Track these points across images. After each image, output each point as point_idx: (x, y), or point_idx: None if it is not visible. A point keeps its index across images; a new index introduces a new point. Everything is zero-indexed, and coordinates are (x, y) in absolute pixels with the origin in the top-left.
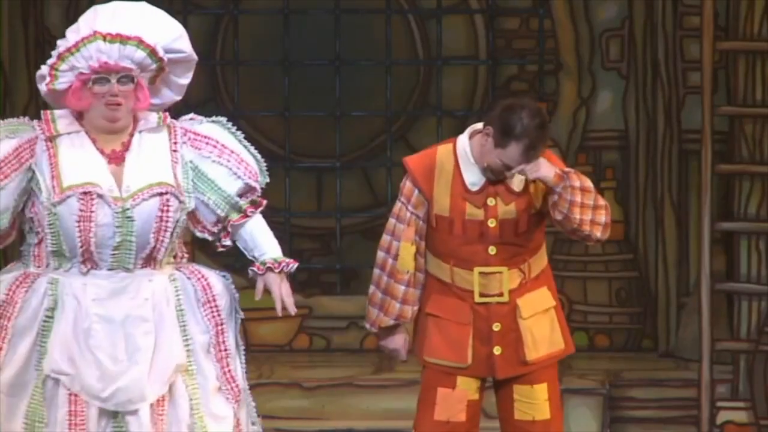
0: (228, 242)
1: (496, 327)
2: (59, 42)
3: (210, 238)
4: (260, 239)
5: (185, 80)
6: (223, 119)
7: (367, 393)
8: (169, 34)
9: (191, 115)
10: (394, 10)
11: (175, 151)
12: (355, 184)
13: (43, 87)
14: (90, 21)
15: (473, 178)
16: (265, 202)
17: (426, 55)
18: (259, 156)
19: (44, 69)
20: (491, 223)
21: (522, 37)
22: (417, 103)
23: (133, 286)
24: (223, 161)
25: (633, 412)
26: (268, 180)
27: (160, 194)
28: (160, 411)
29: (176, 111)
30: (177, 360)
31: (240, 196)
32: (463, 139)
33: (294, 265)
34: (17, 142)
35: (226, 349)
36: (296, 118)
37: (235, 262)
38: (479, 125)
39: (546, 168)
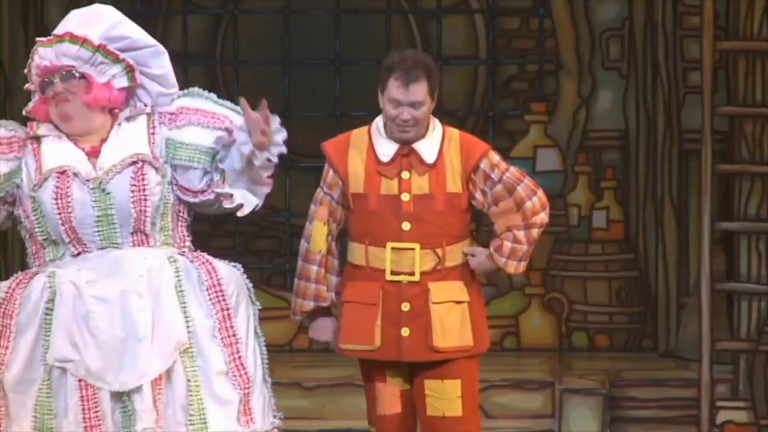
0: (227, 189)
1: (405, 307)
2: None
3: (210, 198)
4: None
5: (159, 70)
6: (196, 88)
7: None
8: (104, 23)
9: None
10: (394, 10)
11: (153, 133)
12: None
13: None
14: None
15: (384, 149)
16: (276, 157)
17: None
18: (229, 103)
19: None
20: (405, 197)
21: (522, 37)
22: None
23: (126, 263)
24: (193, 121)
25: (633, 411)
26: (284, 135)
27: (133, 163)
28: (158, 389)
29: None
30: (177, 337)
31: (222, 146)
32: (377, 119)
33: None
34: (12, 133)
35: (234, 335)
36: (296, 118)
37: (235, 263)
38: None
39: (480, 262)
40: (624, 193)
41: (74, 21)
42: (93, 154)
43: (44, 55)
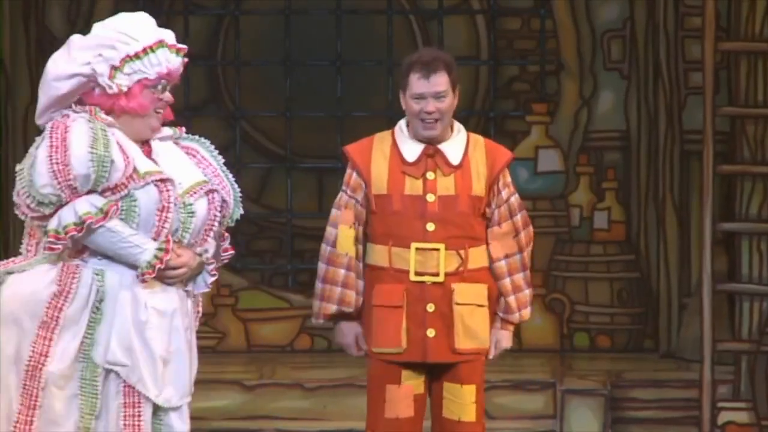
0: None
1: (430, 308)
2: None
3: None
4: None
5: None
6: (207, 141)
7: None
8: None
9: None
10: (395, 11)
11: (198, 164)
12: None
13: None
14: (143, 28)
15: (410, 149)
16: (231, 252)
17: None
18: (237, 187)
19: (99, 67)
20: (430, 198)
21: (523, 37)
22: None
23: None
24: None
25: (634, 412)
26: (241, 212)
27: (209, 191)
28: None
29: (176, 111)
30: (196, 362)
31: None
32: (400, 122)
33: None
34: (108, 137)
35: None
36: (297, 119)
37: (236, 263)
38: None
39: (506, 341)
40: (625, 194)
41: (170, 35)
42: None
43: (170, 59)
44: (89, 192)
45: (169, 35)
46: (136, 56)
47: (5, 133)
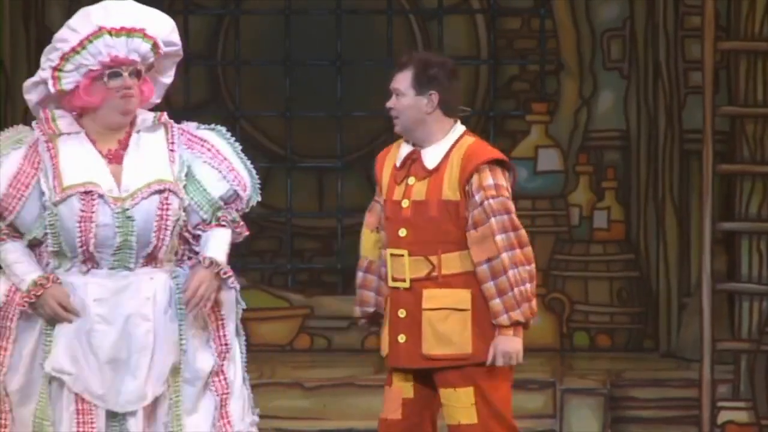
0: (198, 248)
1: (401, 314)
2: (58, 45)
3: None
4: (212, 243)
5: (168, 79)
6: (223, 129)
7: (368, 393)
8: (166, 27)
9: (190, 123)
10: (395, 11)
11: (172, 150)
12: (356, 184)
13: (43, 90)
14: (85, 20)
15: (401, 154)
16: (246, 233)
17: None
18: (254, 172)
19: (44, 73)
20: (404, 204)
21: (523, 37)
22: None
23: (134, 285)
24: (215, 164)
25: (634, 412)
26: (259, 199)
27: (159, 192)
28: (150, 411)
29: (177, 112)
30: (172, 360)
31: (225, 202)
32: None
33: (230, 275)
34: (25, 150)
35: (226, 344)
36: (297, 119)
37: (236, 262)
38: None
39: (509, 345)
40: (625, 194)
41: (135, 16)
42: (114, 159)
43: (114, 44)
44: None
45: (121, 17)
46: (74, 51)
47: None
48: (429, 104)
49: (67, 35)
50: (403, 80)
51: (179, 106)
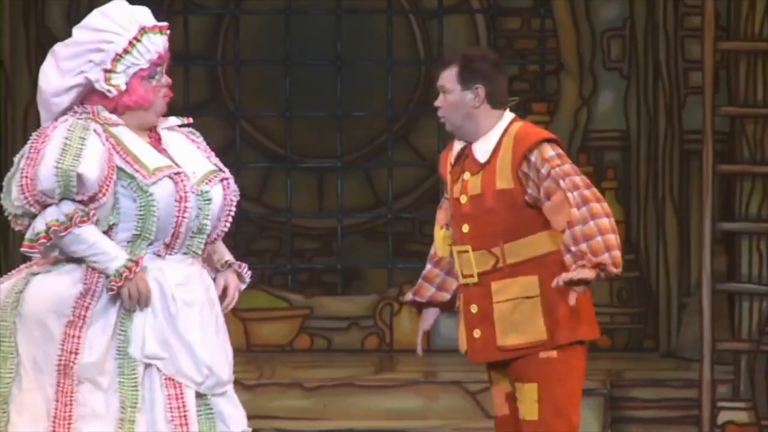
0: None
1: (473, 309)
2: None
3: None
4: (219, 245)
5: None
6: (197, 132)
7: (368, 393)
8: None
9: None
10: (395, 10)
11: (207, 156)
12: (356, 184)
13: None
14: (113, 20)
15: (455, 151)
16: None
17: (427, 55)
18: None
19: (92, 75)
20: (463, 200)
21: (523, 37)
22: (418, 104)
23: (197, 271)
24: (219, 164)
25: (634, 412)
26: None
27: (224, 179)
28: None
29: (176, 112)
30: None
31: None
32: None
33: (248, 272)
34: (96, 136)
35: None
36: (297, 119)
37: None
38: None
39: (578, 273)
40: (625, 194)
41: (148, 13)
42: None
43: (157, 42)
44: (63, 199)
45: (145, 17)
46: (125, 52)
47: (5, 132)
48: (476, 98)
49: (110, 37)
50: (448, 77)
51: (179, 106)
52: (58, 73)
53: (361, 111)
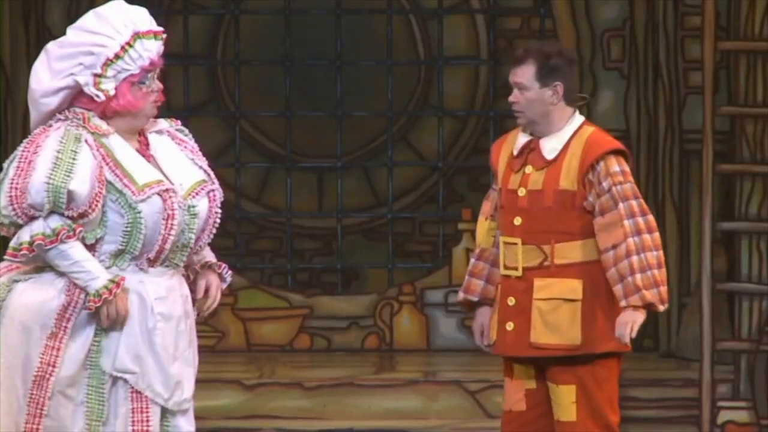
0: None
1: (511, 302)
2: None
3: None
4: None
5: None
6: (185, 129)
7: (368, 393)
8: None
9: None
10: (395, 10)
11: (192, 159)
12: (356, 184)
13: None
14: (108, 23)
15: (518, 143)
16: None
17: (427, 55)
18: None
19: (81, 78)
20: (521, 192)
21: (523, 36)
22: (418, 103)
23: (177, 282)
24: (204, 166)
25: (634, 412)
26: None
27: (210, 191)
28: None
29: (177, 112)
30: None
31: None
32: None
33: (229, 271)
34: (87, 148)
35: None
36: (297, 118)
37: (236, 263)
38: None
39: (627, 316)
40: None
41: (147, 16)
42: (146, 158)
43: (150, 48)
44: (51, 213)
45: (141, 20)
46: (117, 57)
47: (5, 133)
48: (554, 95)
49: (103, 41)
50: (525, 74)
51: (179, 106)
52: (50, 73)
53: (361, 111)
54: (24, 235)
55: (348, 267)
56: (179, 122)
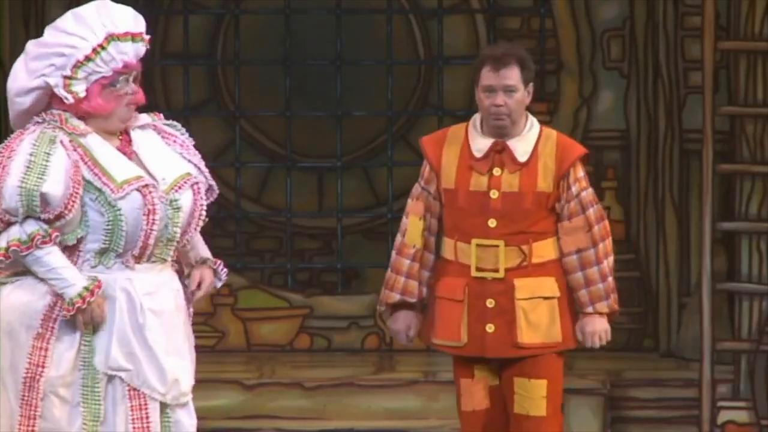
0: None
1: (490, 303)
2: (66, 52)
3: None
4: (196, 240)
5: None
6: (177, 124)
7: (368, 393)
8: (143, 26)
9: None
10: (395, 10)
11: (168, 146)
12: (356, 183)
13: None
14: (85, 24)
15: (479, 145)
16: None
17: (427, 54)
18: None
19: (51, 80)
20: (493, 195)
21: (523, 36)
22: (418, 103)
23: (168, 276)
24: (195, 161)
25: (634, 412)
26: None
27: (194, 183)
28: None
29: (176, 112)
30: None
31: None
32: (475, 115)
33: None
34: (62, 149)
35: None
36: (297, 118)
37: (236, 263)
38: None
39: (596, 325)
40: (625, 193)
41: (129, 17)
42: (127, 156)
43: (125, 50)
44: (27, 218)
45: (123, 21)
46: (87, 59)
47: (5, 133)
48: (529, 96)
49: (75, 42)
50: (513, 76)
51: (179, 105)
52: (26, 72)
53: (361, 111)
54: (1, 241)
55: (348, 267)
56: (161, 115)
